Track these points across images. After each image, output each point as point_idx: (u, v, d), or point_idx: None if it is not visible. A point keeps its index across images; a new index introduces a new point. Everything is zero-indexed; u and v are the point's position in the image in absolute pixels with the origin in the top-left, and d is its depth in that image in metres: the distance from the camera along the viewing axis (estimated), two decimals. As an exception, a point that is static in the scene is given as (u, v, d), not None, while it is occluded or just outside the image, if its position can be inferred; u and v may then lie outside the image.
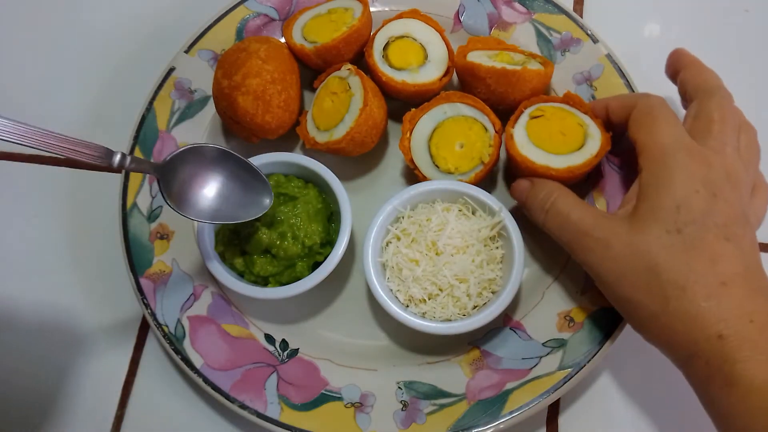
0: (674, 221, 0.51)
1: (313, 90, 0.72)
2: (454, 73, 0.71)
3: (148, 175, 0.70)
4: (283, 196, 0.64)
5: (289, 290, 0.62)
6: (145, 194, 0.70)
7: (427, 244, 0.61)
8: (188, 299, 0.66)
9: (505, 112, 0.70)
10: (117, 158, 0.51)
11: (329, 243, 0.64)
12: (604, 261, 0.54)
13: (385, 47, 0.70)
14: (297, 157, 0.66)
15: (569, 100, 0.65)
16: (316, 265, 0.63)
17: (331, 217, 0.66)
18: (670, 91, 0.74)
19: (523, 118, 0.65)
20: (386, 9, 0.76)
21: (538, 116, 0.64)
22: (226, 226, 0.64)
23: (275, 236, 0.62)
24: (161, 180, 0.55)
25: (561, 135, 0.63)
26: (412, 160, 0.67)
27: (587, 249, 0.55)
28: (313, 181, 0.67)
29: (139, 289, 0.66)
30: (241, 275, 0.64)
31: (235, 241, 0.64)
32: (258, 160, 0.65)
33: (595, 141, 0.62)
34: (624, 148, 0.63)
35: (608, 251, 0.54)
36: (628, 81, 0.69)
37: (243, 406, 0.61)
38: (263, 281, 0.64)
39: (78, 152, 0.49)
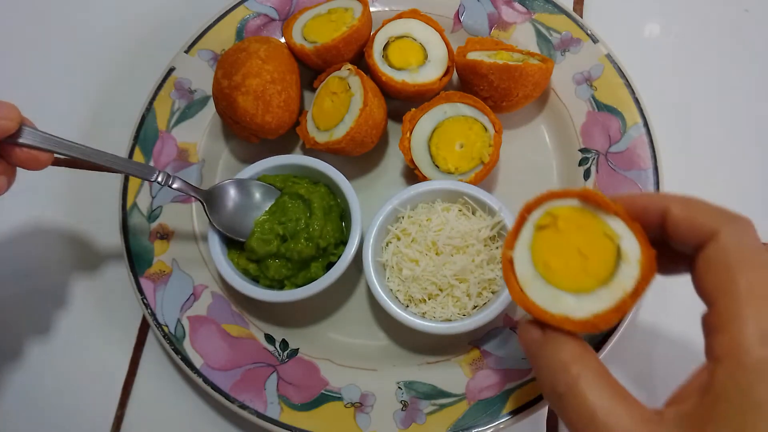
0: None
1: (313, 90, 0.72)
2: (454, 73, 0.71)
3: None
4: (296, 195, 0.65)
5: (306, 291, 0.62)
6: (145, 194, 0.70)
7: (427, 244, 0.61)
8: (188, 299, 0.66)
9: (506, 110, 0.70)
10: (159, 176, 0.60)
11: (342, 243, 0.65)
12: None
13: (385, 47, 0.70)
14: (305, 159, 0.66)
15: (588, 198, 0.42)
16: (330, 265, 0.64)
17: (341, 216, 0.66)
18: (669, 93, 0.75)
19: (527, 231, 0.45)
20: (386, 9, 0.76)
21: (546, 225, 0.44)
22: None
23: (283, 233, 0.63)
24: (205, 203, 0.63)
25: (581, 257, 0.42)
26: (412, 160, 0.67)
27: None
28: (320, 182, 0.67)
29: (139, 289, 0.66)
30: (255, 280, 0.64)
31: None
32: (266, 164, 0.66)
33: (631, 267, 0.40)
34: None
35: None
36: (628, 81, 0.69)
37: (243, 406, 0.61)
38: (279, 284, 0.64)
39: (130, 169, 0.60)
